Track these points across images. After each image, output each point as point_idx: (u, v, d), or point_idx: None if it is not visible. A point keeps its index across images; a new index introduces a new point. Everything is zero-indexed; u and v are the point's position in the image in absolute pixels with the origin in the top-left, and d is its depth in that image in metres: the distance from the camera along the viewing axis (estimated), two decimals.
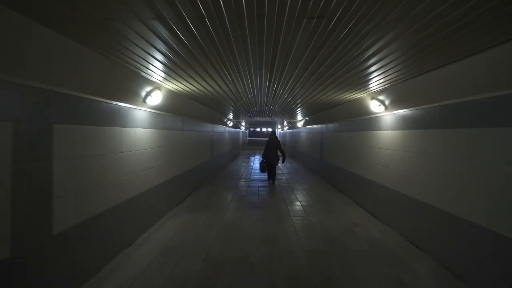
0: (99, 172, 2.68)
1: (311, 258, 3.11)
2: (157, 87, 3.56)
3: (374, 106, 4.12)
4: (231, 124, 12.24)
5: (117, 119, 3.02)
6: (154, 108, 3.86)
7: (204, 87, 4.07)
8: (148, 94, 3.41)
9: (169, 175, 4.74)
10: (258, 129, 31.06)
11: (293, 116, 10.40)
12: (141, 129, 3.60)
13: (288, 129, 18.84)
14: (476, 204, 2.49)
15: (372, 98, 4.11)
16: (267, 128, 29.42)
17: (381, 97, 3.96)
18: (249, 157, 15.79)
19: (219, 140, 10.67)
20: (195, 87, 4.01)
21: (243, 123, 18.18)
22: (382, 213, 4.35)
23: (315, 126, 9.69)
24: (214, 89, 4.29)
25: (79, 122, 2.40)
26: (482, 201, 2.43)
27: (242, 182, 7.80)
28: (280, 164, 11.96)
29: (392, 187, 3.98)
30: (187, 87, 3.93)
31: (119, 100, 2.99)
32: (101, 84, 2.63)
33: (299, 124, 11.96)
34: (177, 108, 4.85)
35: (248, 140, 28.80)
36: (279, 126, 24.80)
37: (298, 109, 8.09)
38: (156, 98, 3.56)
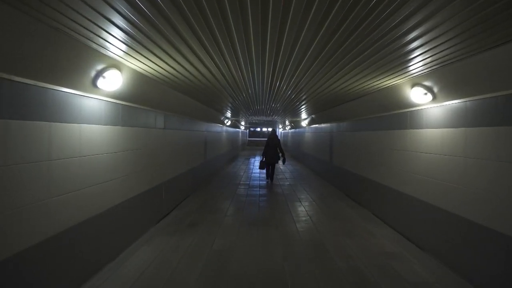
0: None
1: None
2: (115, 65, 2.49)
3: (417, 96, 3.04)
4: (229, 123, 11.18)
5: (42, 110, 1.94)
6: (114, 96, 2.78)
7: (192, 73, 3.03)
8: (99, 74, 2.34)
9: (145, 187, 3.67)
10: (259, 129, 30.02)
11: (297, 114, 9.37)
12: (92, 125, 2.53)
13: (290, 128, 17.78)
14: None
15: (414, 85, 3.04)
16: (267, 127, 28.49)
17: (428, 83, 2.89)
18: (248, 159, 14.63)
19: (215, 141, 9.59)
20: (179, 73, 2.96)
21: (243, 123, 17.17)
22: (422, 238, 3.28)
23: (323, 125, 8.59)
24: (205, 77, 3.26)
25: None
26: None
27: (241, 190, 6.73)
28: (281, 166, 10.94)
29: (441, 205, 2.91)
30: (167, 71, 2.87)
31: (47, 80, 1.93)
32: (16, 55, 1.57)
33: (304, 123, 10.90)
34: (155, 100, 3.78)
35: (248, 140, 27.74)
36: (280, 126, 23.81)
37: (303, 106, 7.14)
38: (113, 81, 2.48)
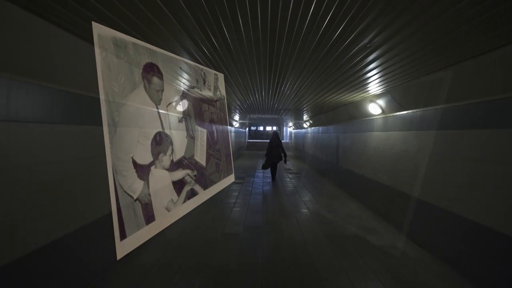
0: None
1: None
2: None
3: None
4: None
5: None
6: None
7: None
8: None
9: None
10: (261, 128, 24.13)
11: (351, 88, 3.50)
12: None
13: (309, 126, 11.75)
14: None
15: None
16: (272, 126, 22.77)
17: None
18: (244, 179, 8.21)
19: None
20: None
21: (237, 118, 11.31)
22: None
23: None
24: None
25: None
26: None
27: None
28: (289, 178, 5.12)
29: None
30: None
31: None
32: None
33: (373, 108, 4.89)
34: None
35: (248, 142, 21.66)
36: (290, 124, 17.98)
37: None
38: None
